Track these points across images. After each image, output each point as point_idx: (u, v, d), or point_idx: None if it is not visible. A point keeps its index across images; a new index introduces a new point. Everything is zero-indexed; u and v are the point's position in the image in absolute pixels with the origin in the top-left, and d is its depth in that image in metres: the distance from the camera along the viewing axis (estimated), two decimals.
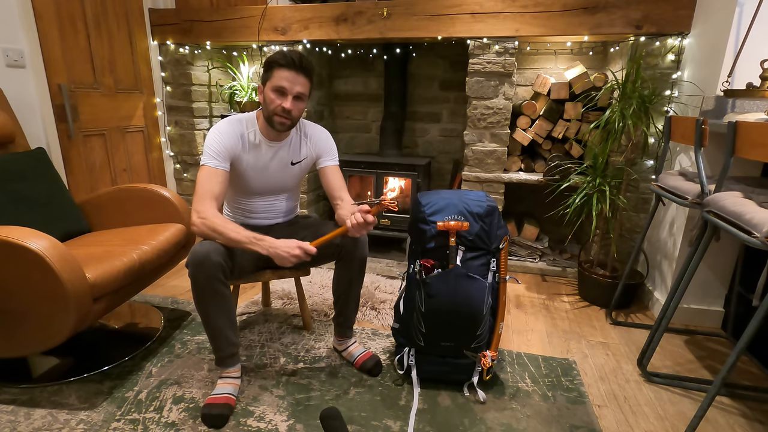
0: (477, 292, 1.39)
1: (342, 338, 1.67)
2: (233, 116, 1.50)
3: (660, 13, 2.00)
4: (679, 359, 1.71)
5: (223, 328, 1.39)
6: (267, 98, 1.42)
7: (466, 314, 1.40)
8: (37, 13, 2.05)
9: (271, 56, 1.40)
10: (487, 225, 1.44)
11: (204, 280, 1.31)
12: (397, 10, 2.29)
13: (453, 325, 1.42)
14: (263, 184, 1.55)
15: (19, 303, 1.29)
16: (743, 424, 1.37)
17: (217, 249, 1.32)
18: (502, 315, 1.50)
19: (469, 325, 1.41)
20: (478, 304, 1.39)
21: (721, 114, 1.58)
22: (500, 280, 1.49)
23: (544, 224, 2.80)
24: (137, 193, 1.89)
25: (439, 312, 1.41)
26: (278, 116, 1.42)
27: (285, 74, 1.38)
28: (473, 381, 1.47)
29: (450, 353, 1.47)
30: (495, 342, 1.50)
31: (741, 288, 1.79)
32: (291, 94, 1.40)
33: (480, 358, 1.45)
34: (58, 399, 1.42)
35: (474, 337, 1.43)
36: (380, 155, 2.79)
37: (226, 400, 1.37)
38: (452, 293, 1.39)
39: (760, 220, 1.10)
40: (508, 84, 2.28)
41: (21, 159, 1.73)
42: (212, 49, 2.92)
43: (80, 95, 2.30)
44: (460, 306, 1.39)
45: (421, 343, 1.47)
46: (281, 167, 1.55)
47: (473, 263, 1.44)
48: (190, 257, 1.32)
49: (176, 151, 2.93)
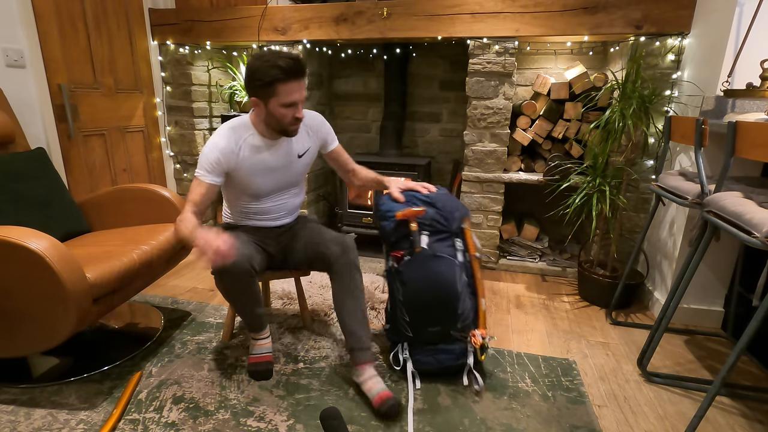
0: (447, 270, 1.43)
1: (359, 366, 1.45)
2: (228, 125, 1.48)
3: (660, 13, 2.00)
4: (679, 359, 1.71)
5: (251, 307, 1.49)
6: (277, 114, 1.39)
7: (442, 293, 1.43)
8: (37, 13, 2.05)
9: (265, 70, 1.32)
10: (439, 208, 1.52)
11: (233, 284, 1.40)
12: (397, 10, 2.29)
13: (433, 307, 1.45)
14: (272, 183, 1.55)
15: (19, 303, 1.29)
16: (743, 424, 1.37)
17: (245, 256, 1.37)
18: (482, 291, 1.52)
19: (448, 304, 1.43)
20: (450, 282, 1.42)
21: (721, 114, 1.58)
22: (471, 258, 1.53)
23: (544, 224, 2.80)
24: (137, 193, 1.89)
25: (417, 297, 1.45)
26: (293, 126, 1.43)
27: (292, 87, 1.36)
28: (469, 363, 1.46)
29: (439, 339, 1.48)
30: (481, 320, 1.50)
31: (741, 288, 1.79)
32: (300, 102, 1.40)
33: (470, 338, 1.46)
34: (58, 399, 1.42)
35: (456, 317, 1.44)
36: (380, 155, 2.79)
37: (267, 358, 1.56)
38: (424, 275, 1.44)
39: (760, 220, 1.10)
40: (508, 84, 2.28)
41: (21, 159, 1.73)
42: (212, 49, 2.92)
43: (80, 95, 2.30)
44: (434, 286, 1.43)
45: (409, 333, 1.50)
46: (288, 162, 1.56)
47: (440, 245, 1.50)
48: (219, 269, 1.35)
49: (176, 151, 2.93)
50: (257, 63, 1.35)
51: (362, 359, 1.44)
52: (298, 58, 1.35)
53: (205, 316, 1.95)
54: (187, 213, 1.37)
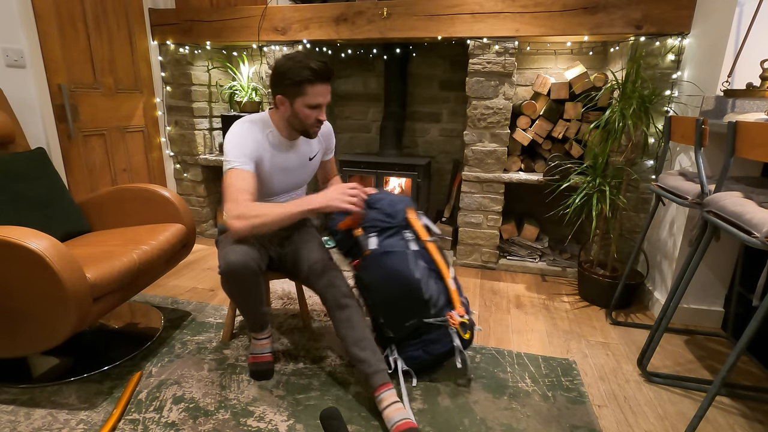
0: (400, 261, 1.44)
1: (376, 391, 1.33)
2: (246, 119, 1.46)
3: (660, 13, 2.00)
4: (679, 359, 1.71)
5: (255, 307, 1.49)
6: (302, 114, 1.40)
7: (402, 285, 1.43)
8: (37, 13, 2.05)
9: (296, 70, 1.34)
10: (380, 207, 1.54)
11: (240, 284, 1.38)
12: (397, 10, 2.29)
13: (400, 301, 1.45)
14: (286, 182, 1.56)
15: (19, 303, 1.29)
16: (743, 424, 1.37)
17: (251, 256, 1.36)
18: (446, 272, 1.51)
19: (412, 293, 1.43)
20: (406, 272, 1.43)
21: (721, 114, 1.58)
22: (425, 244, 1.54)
23: (544, 224, 2.80)
24: (137, 193, 1.89)
25: (382, 296, 1.47)
26: (314, 128, 1.44)
27: (319, 89, 1.37)
28: (457, 345, 1.45)
29: (420, 331, 1.48)
30: (454, 299, 1.48)
31: (741, 288, 1.79)
32: (324, 105, 1.41)
33: (448, 320, 1.46)
34: (58, 399, 1.42)
35: (426, 303, 1.44)
36: (380, 155, 2.79)
37: (267, 358, 1.56)
38: (380, 274, 1.45)
39: (760, 220, 1.10)
40: (508, 84, 2.29)
41: (21, 159, 1.73)
42: (212, 49, 2.92)
43: (80, 95, 2.30)
44: (393, 280, 1.44)
45: (391, 334, 1.51)
46: (301, 164, 1.57)
47: (390, 241, 1.51)
48: (226, 269, 1.33)
49: (176, 151, 2.93)
50: (289, 63, 1.36)
51: (376, 383, 1.33)
52: (327, 63, 1.37)
53: (205, 316, 1.95)
54: (249, 202, 1.30)
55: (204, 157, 2.88)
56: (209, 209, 3.07)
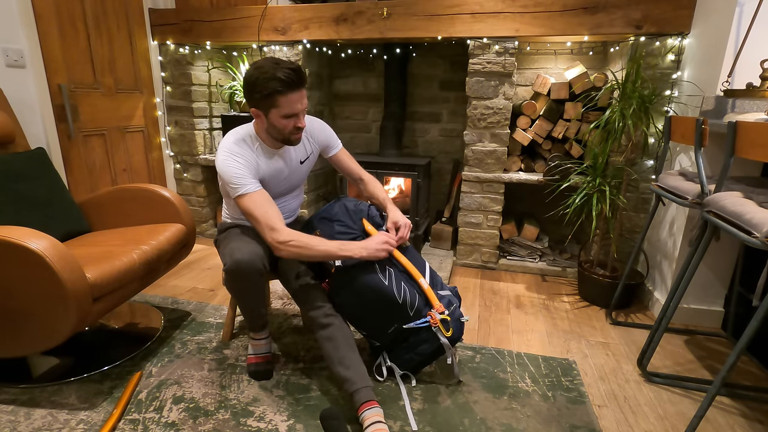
0: (365, 271, 1.43)
1: (361, 409, 1.28)
2: (232, 139, 1.44)
3: (660, 13, 2.00)
4: (679, 359, 1.71)
5: (257, 307, 1.50)
6: (279, 125, 1.38)
7: (371, 293, 1.42)
8: (37, 13, 2.05)
9: (263, 82, 1.30)
10: (339, 219, 1.53)
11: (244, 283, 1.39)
12: (397, 10, 2.29)
13: (375, 310, 1.45)
14: (278, 189, 1.55)
15: (19, 303, 1.29)
16: (743, 424, 1.37)
17: (258, 255, 1.37)
18: (416, 273, 1.49)
19: (384, 299, 1.42)
20: (371, 279, 1.42)
21: (721, 114, 1.58)
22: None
23: (544, 224, 2.80)
24: (137, 193, 1.89)
25: (357, 310, 1.47)
26: (295, 135, 1.43)
27: (292, 98, 1.34)
28: (444, 342, 1.44)
29: (404, 335, 1.48)
30: (431, 298, 1.47)
31: (741, 288, 1.79)
32: (301, 112, 1.39)
33: (429, 320, 1.45)
34: (58, 399, 1.42)
35: (401, 307, 1.43)
36: (380, 155, 2.79)
37: (267, 358, 1.57)
38: (349, 288, 1.44)
39: (760, 220, 1.10)
40: (508, 84, 2.29)
41: (21, 159, 1.73)
42: (212, 49, 2.92)
43: (80, 95, 2.30)
44: (361, 291, 1.43)
45: (377, 343, 1.52)
46: (292, 169, 1.56)
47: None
48: (233, 266, 1.33)
49: (176, 151, 2.93)
50: (255, 74, 1.31)
51: (359, 401, 1.29)
52: (297, 68, 1.32)
53: (205, 316, 1.95)
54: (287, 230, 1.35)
55: (204, 157, 2.88)
56: (209, 209, 3.07)
